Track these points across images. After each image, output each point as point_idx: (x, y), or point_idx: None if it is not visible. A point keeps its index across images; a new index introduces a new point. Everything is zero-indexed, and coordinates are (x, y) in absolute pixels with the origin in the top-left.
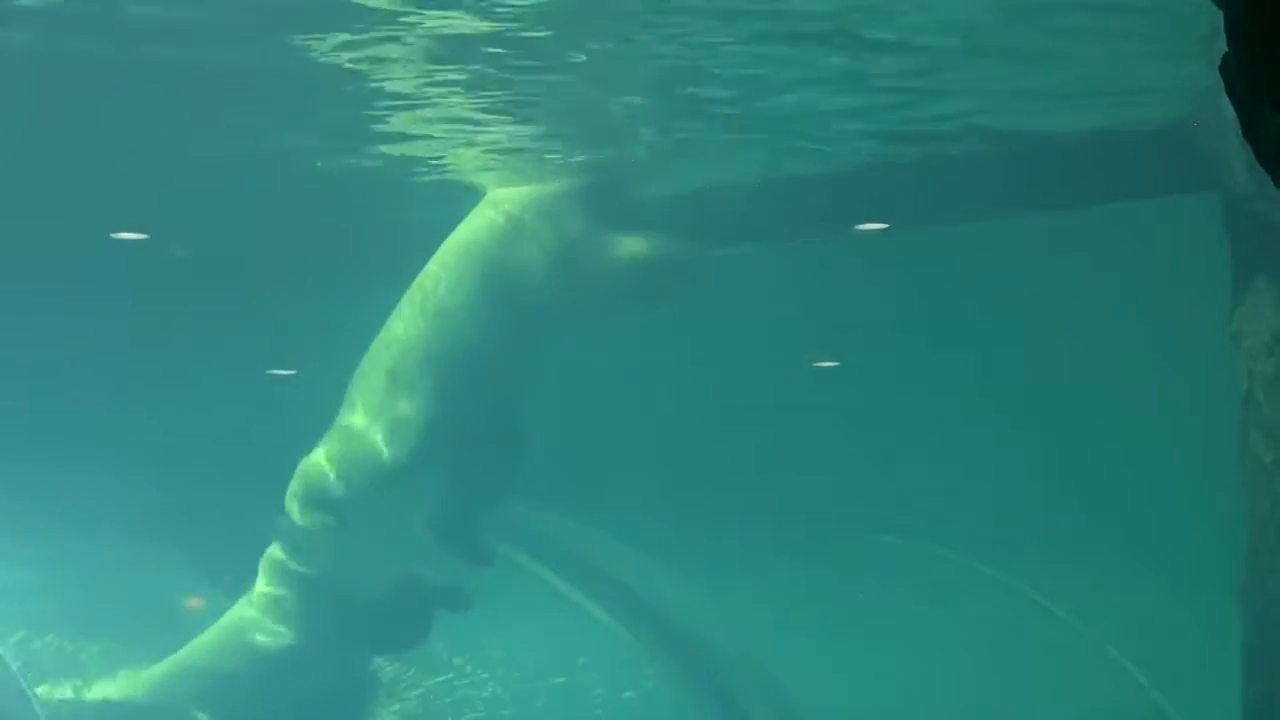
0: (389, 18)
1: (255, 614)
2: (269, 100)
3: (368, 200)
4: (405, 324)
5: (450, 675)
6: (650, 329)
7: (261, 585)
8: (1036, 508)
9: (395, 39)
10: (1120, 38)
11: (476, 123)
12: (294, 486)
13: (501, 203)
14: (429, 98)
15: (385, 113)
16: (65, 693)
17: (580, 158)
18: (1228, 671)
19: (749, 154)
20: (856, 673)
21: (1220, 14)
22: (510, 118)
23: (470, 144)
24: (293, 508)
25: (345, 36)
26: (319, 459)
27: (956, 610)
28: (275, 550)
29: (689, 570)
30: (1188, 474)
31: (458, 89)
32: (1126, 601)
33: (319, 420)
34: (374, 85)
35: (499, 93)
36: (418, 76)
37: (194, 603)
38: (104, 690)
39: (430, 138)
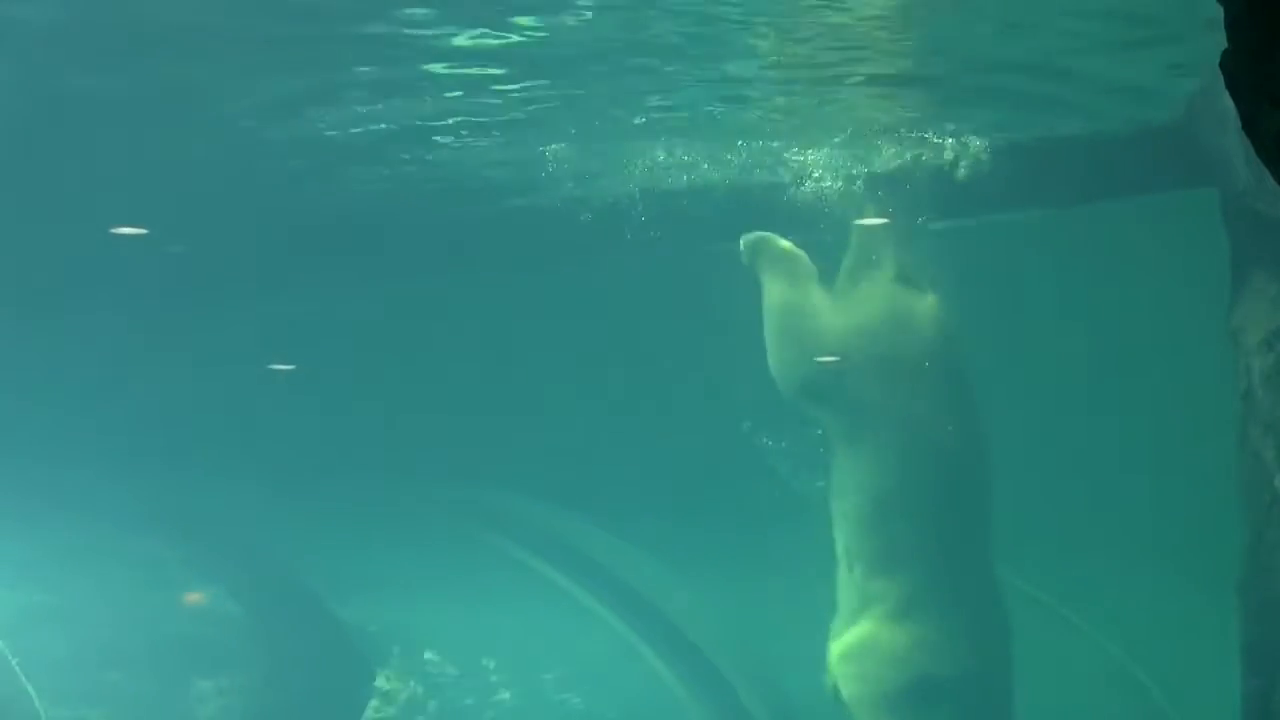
0: None
1: None
2: None
3: None
4: None
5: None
6: None
7: None
8: (1034, 507)
9: None
10: None
11: None
12: None
13: None
14: None
15: None
16: None
17: None
18: (1226, 668)
19: None
20: None
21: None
22: None
23: None
24: None
25: None
26: None
27: None
28: None
29: None
30: (1186, 472)
31: None
32: (1125, 599)
33: None
34: None
35: None
36: None
37: (192, 598)
38: None
39: None
